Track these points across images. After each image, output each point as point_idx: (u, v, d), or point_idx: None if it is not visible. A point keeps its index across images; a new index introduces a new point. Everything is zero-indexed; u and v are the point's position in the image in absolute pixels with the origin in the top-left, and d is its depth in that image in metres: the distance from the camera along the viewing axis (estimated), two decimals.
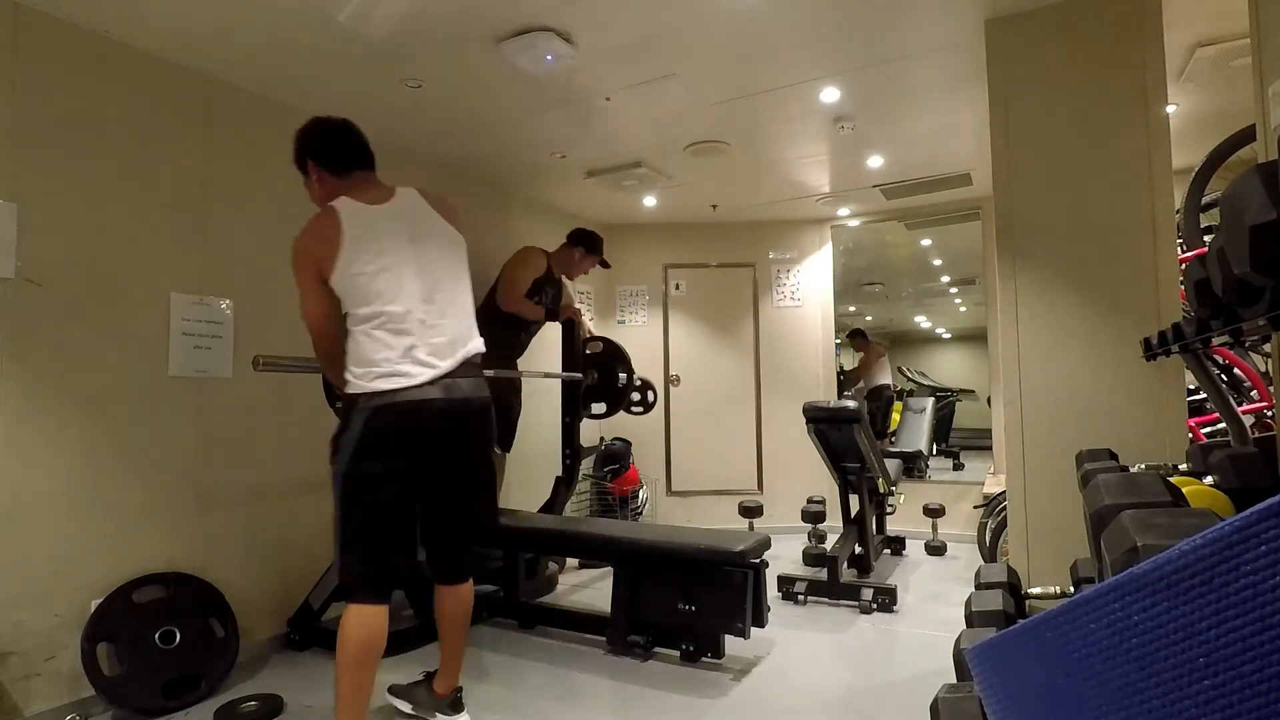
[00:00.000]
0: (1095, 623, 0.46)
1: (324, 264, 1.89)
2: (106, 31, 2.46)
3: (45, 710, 2.22)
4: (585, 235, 3.89)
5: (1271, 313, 0.78)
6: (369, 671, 1.89)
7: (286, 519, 3.00)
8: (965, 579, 3.71)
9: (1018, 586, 2.00)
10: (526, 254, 3.77)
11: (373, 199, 2.00)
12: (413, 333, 1.92)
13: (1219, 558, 0.38)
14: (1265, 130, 1.35)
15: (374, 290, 1.90)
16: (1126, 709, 0.43)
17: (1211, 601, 0.38)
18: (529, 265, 3.72)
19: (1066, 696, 0.49)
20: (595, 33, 2.59)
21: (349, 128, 2.10)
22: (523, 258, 3.75)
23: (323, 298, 1.92)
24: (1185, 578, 0.40)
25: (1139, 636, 0.42)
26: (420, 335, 1.93)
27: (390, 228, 1.97)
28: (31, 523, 2.23)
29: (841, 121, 3.46)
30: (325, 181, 2.06)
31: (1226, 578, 0.38)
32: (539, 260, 3.76)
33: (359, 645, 1.87)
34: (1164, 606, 0.41)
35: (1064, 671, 0.49)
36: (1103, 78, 2.41)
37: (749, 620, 2.58)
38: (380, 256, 1.92)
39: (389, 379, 1.88)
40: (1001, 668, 0.60)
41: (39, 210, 2.29)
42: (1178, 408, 2.30)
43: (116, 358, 2.47)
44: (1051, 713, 0.52)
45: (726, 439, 5.32)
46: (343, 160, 2.05)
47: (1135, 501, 0.91)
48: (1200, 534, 0.39)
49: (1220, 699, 0.37)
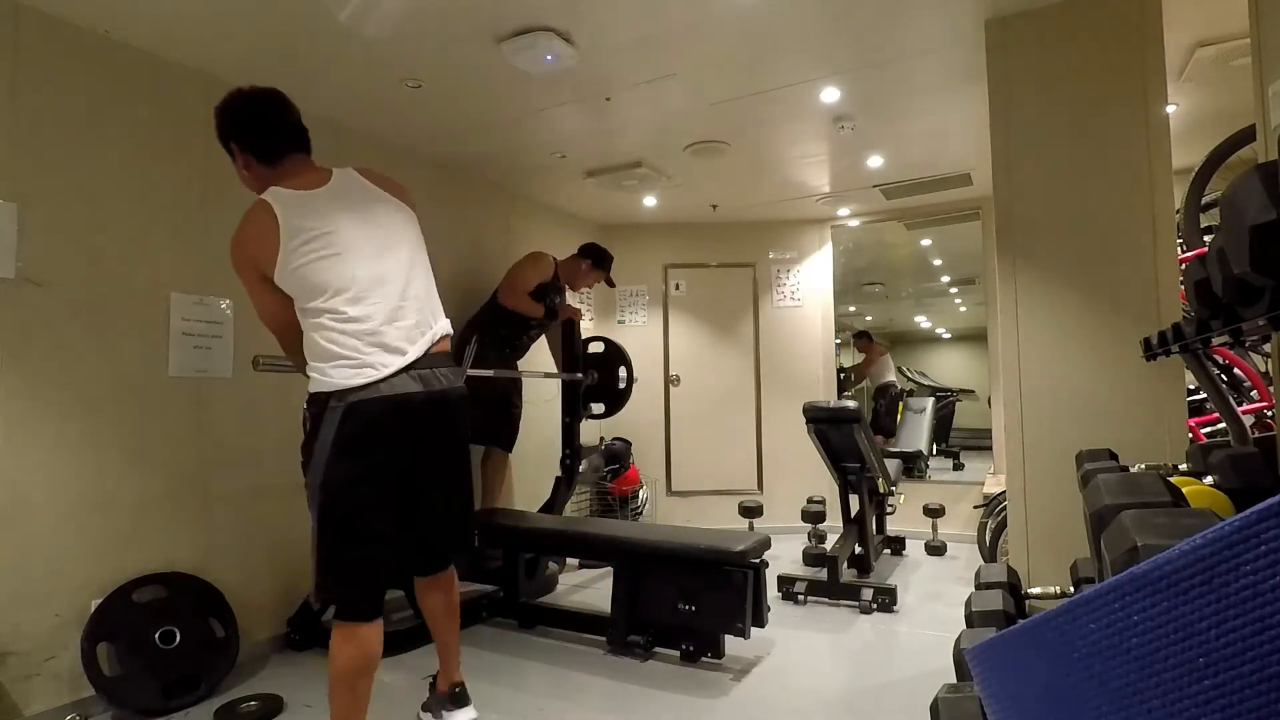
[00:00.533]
0: (1095, 623, 0.46)
1: (263, 264, 1.74)
2: (106, 31, 2.46)
3: (45, 710, 2.22)
4: (595, 250, 3.98)
5: (1271, 313, 0.78)
6: (363, 689, 1.77)
7: (286, 519, 2.99)
8: (965, 579, 3.71)
9: (1018, 586, 2.00)
10: (537, 258, 3.82)
11: (307, 184, 1.81)
12: (374, 318, 1.75)
13: (1219, 558, 0.38)
14: (1265, 130, 1.35)
15: (324, 280, 1.73)
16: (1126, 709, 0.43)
17: (1211, 601, 0.38)
18: (538, 268, 3.78)
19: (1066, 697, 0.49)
20: (595, 33, 2.59)
21: (276, 104, 1.88)
22: (533, 260, 3.81)
23: (272, 296, 1.78)
24: (1185, 578, 0.40)
25: (1139, 637, 0.42)
26: (383, 320, 1.76)
27: (331, 210, 1.79)
28: (31, 522, 2.23)
29: (841, 121, 3.46)
30: (253, 168, 1.87)
31: (1226, 578, 0.37)
32: (548, 265, 3.83)
33: (350, 664, 1.74)
34: (1164, 606, 0.41)
35: (1064, 672, 0.49)
36: (1103, 77, 2.41)
37: (749, 620, 2.58)
38: (326, 244, 1.74)
39: (359, 372, 1.71)
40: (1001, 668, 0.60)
41: (39, 210, 2.29)
42: (1178, 408, 2.30)
43: (117, 358, 2.47)
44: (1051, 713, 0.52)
45: (726, 439, 5.31)
46: (270, 147, 1.85)
47: (1135, 501, 0.91)
48: (1200, 534, 0.39)
49: (1220, 699, 0.37)
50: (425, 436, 1.84)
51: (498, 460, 3.76)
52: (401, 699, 2.41)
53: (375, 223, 1.85)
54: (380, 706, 2.37)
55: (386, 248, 1.84)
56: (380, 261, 1.81)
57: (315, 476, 1.75)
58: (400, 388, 1.75)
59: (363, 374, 1.72)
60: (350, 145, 3.40)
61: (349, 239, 1.78)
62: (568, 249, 4.07)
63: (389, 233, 1.87)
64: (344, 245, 1.76)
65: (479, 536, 3.40)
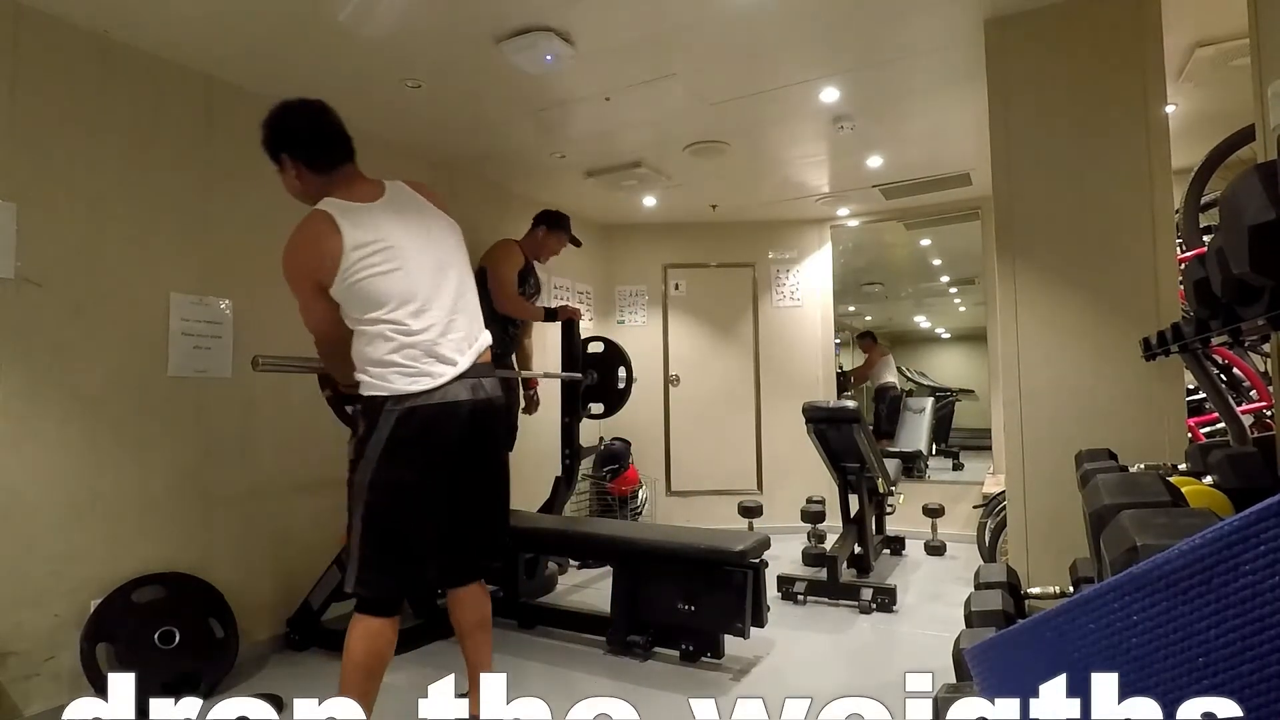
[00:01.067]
0: (1095, 622, 0.46)
1: (322, 274, 1.77)
2: (106, 31, 2.46)
3: (45, 710, 2.22)
4: (547, 214, 3.79)
5: (1270, 312, 0.78)
6: (374, 684, 1.81)
7: (286, 519, 3.00)
8: (965, 579, 3.71)
9: (1017, 586, 1.99)
10: (506, 250, 3.67)
11: (364, 195, 1.87)
12: (432, 330, 1.82)
13: (1218, 558, 0.38)
14: (1265, 130, 1.35)
15: (386, 292, 1.79)
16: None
17: (1210, 601, 0.38)
18: (511, 261, 3.65)
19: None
20: (595, 33, 2.59)
21: (325, 115, 1.92)
22: (504, 254, 3.65)
23: (324, 305, 1.82)
24: (1184, 578, 0.40)
25: (1138, 636, 0.42)
26: (439, 332, 1.83)
27: (390, 223, 1.85)
28: (31, 523, 2.23)
29: (841, 121, 3.46)
30: (305, 177, 1.90)
31: (1225, 578, 0.38)
32: (516, 253, 3.69)
33: (367, 658, 1.79)
34: (1163, 606, 0.41)
35: (1064, 671, 0.49)
36: (1102, 77, 2.41)
37: (749, 620, 2.58)
38: (387, 257, 1.80)
39: (416, 380, 1.78)
40: (1001, 667, 0.60)
41: (39, 210, 2.29)
42: (1177, 408, 2.30)
43: (116, 358, 2.46)
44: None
45: (726, 439, 5.31)
46: (324, 156, 1.89)
47: (1134, 501, 0.91)
48: (1199, 534, 0.39)
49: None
50: (471, 443, 1.90)
51: None
52: (402, 699, 2.41)
53: (429, 237, 1.93)
54: (381, 706, 2.37)
55: (441, 262, 1.92)
56: (436, 275, 1.88)
57: (364, 475, 1.80)
58: (451, 395, 1.83)
59: (419, 381, 1.79)
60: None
61: (409, 253, 1.84)
62: (567, 248, 4.05)
63: (442, 248, 1.95)
64: (404, 259, 1.83)
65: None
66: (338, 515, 3.17)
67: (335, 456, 3.19)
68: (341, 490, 1.93)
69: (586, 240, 4.21)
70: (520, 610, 3.20)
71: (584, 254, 5.17)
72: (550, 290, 4.72)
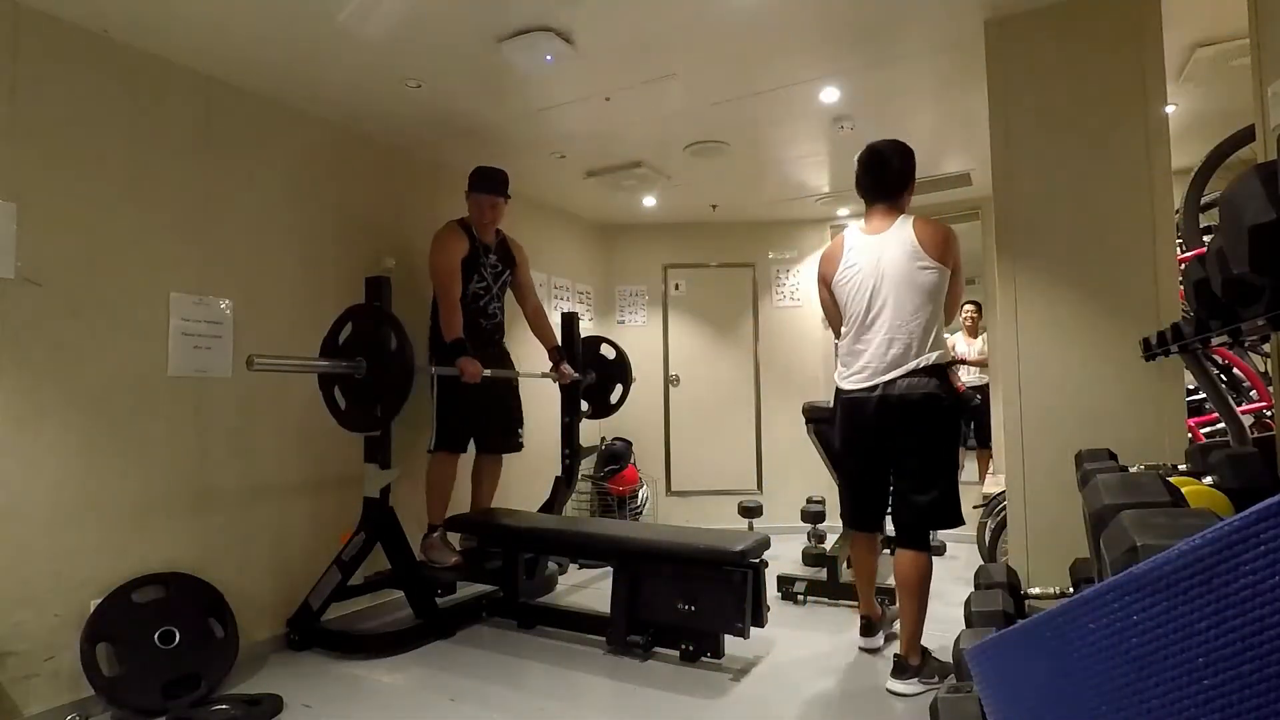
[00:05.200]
0: (1095, 623, 0.46)
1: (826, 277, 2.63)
2: (106, 31, 2.46)
3: (45, 710, 2.22)
4: (471, 176, 3.32)
5: (1270, 313, 0.78)
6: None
7: (286, 519, 3.00)
8: (965, 579, 3.70)
9: (1017, 586, 2.00)
10: (439, 239, 3.23)
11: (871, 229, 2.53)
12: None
13: (1218, 558, 0.38)
14: (1265, 130, 1.35)
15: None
16: (1126, 709, 0.43)
17: (1211, 602, 0.38)
18: (448, 250, 3.18)
19: (1066, 696, 0.49)
20: (595, 33, 2.59)
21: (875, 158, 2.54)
22: (437, 247, 3.21)
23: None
24: (1184, 578, 0.40)
25: (1138, 636, 0.42)
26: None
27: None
28: (31, 523, 2.23)
29: (841, 121, 3.46)
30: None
31: (1225, 578, 0.38)
32: (456, 238, 3.23)
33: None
34: (1163, 606, 0.41)
35: (1063, 671, 0.49)
36: (1102, 78, 2.41)
37: (749, 620, 2.58)
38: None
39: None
40: (1001, 668, 0.60)
41: (39, 210, 2.29)
42: (1177, 408, 2.30)
43: (116, 358, 2.46)
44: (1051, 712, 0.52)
45: (726, 439, 5.31)
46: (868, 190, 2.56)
47: (1134, 501, 0.91)
48: (1199, 534, 0.39)
49: (1219, 699, 0.37)
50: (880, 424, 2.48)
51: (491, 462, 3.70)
52: (402, 699, 2.41)
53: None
54: (381, 706, 2.38)
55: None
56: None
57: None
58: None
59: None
60: (351, 145, 3.40)
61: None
62: (568, 249, 4.06)
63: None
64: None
65: (477, 538, 3.40)
66: (338, 515, 3.20)
67: (335, 456, 3.20)
68: (341, 490, 1.93)
69: (587, 240, 4.19)
70: (520, 610, 3.20)
71: (584, 254, 5.18)
72: (550, 291, 4.71)
